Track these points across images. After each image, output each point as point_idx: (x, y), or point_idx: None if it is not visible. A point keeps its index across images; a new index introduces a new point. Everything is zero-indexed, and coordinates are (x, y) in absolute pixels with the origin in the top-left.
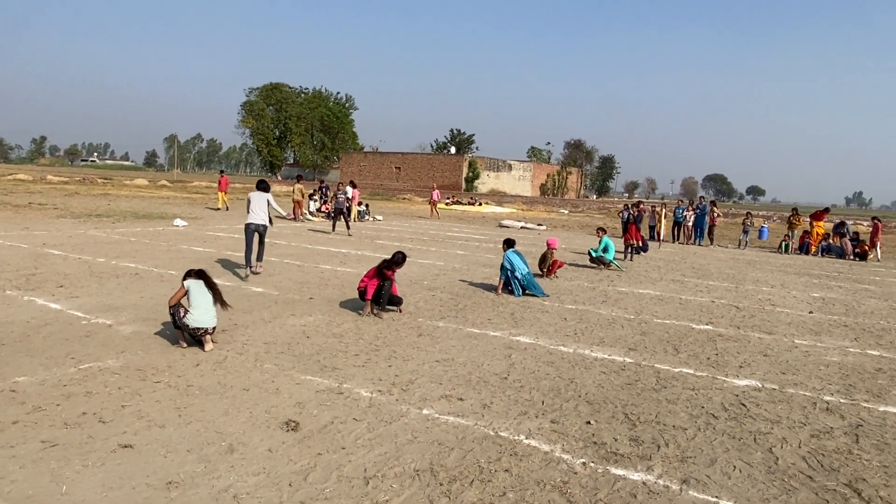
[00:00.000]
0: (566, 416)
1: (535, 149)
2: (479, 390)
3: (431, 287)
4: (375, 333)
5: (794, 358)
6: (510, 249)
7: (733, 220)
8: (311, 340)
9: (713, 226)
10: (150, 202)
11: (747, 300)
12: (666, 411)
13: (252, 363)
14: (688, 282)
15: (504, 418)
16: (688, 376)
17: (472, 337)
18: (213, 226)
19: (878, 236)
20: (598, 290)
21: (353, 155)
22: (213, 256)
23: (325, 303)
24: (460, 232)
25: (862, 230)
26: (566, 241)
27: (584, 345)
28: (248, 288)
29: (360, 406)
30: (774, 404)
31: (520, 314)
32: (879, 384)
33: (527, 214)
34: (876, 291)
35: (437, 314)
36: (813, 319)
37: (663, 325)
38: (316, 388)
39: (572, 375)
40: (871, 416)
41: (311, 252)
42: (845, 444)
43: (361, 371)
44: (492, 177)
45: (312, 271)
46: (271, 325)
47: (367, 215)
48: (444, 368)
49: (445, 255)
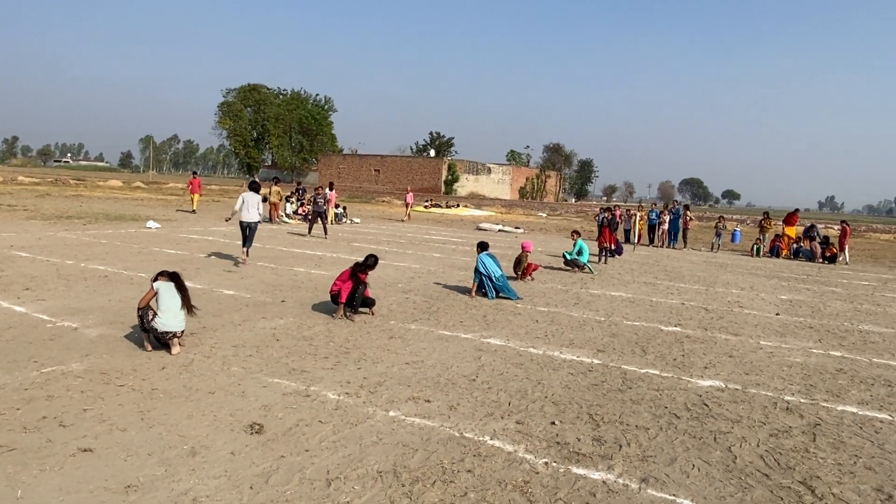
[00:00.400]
0: (531, 417)
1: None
2: (446, 392)
3: (406, 290)
4: (346, 336)
5: (758, 359)
6: (483, 252)
7: (707, 223)
8: (281, 343)
9: (686, 229)
10: (123, 204)
11: (716, 302)
12: (630, 411)
13: (219, 366)
14: (660, 284)
15: (470, 419)
16: (653, 377)
17: (444, 339)
18: (187, 228)
19: (847, 240)
20: (571, 292)
21: (331, 157)
22: (184, 259)
23: (297, 306)
24: (438, 235)
25: (832, 234)
26: (543, 244)
27: (553, 346)
28: (219, 291)
29: (327, 408)
30: (736, 404)
31: (492, 316)
32: (839, 384)
33: (505, 218)
34: (842, 294)
35: (409, 317)
36: (779, 321)
37: (633, 326)
38: (283, 391)
39: (540, 377)
40: (830, 415)
41: (286, 254)
42: (802, 443)
43: (330, 374)
44: (471, 180)
45: (286, 274)
46: (241, 327)
47: (344, 218)
48: (413, 370)
49: (422, 257)
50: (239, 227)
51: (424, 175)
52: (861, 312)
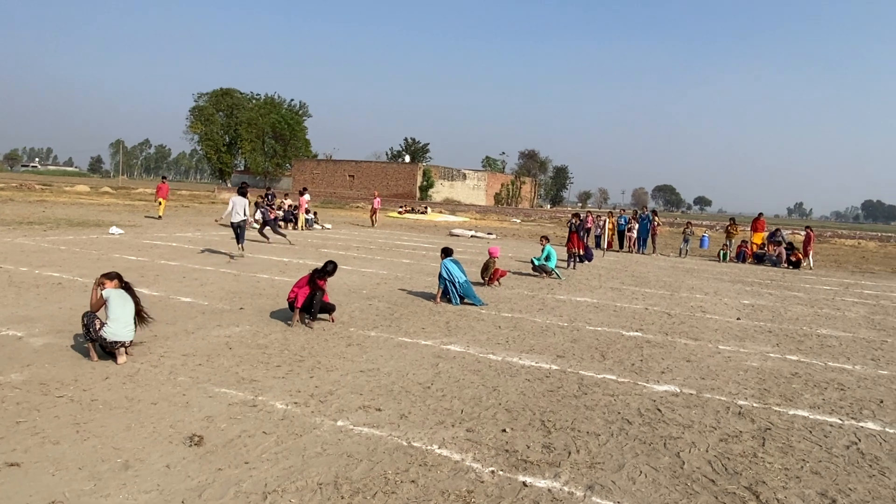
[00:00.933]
0: (483, 425)
1: (489, 158)
2: (399, 400)
3: (370, 296)
4: (302, 344)
5: (715, 363)
6: (447, 258)
7: (677, 229)
8: (234, 352)
9: (655, 234)
10: (88, 209)
11: (680, 307)
12: (582, 417)
13: (165, 376)
14: (625, 290)
15: (420, 428)
16: (610, 382)
17: (403, 346)
18: (152, 234)
19: (811, 245)
20: (537, 298)
21: (305, 162)
22: (145, 266)
23: (255, 313)
24: (410, 241)
25: (798, 240)
26: (514, 249)
27: (513, 352)
28: (176, 298)
29: (273, 419)
30: (689, 409)
31: (455, 323)
32: (793, 388)
33: (479, 223)
34: (804, 298)
35: (370, 323)
36: (739, 326)
37: (595, 332)
38: (229, 401)
39: (496, 383)
40: (781, 419)
41: (251, 261)
42: (751, 448)
43: (280, 383)
44: (446, 186)
45: (248, 281)
46: (194, 336)
47: (315, 223)
48: (367, 379)
49: (390, 263)
50: (231, 228)
51: (399, 181)
52: (820, 317)
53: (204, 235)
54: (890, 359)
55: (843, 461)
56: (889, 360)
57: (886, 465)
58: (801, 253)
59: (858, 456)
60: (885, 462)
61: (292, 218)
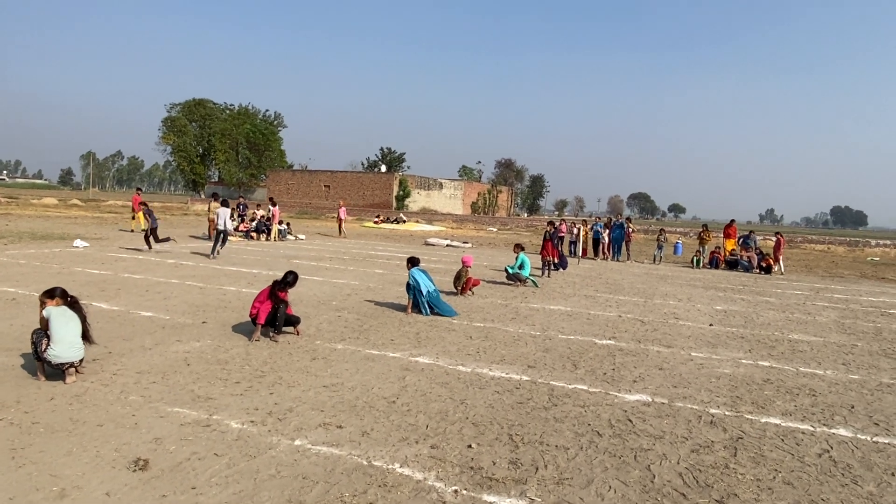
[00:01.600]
0: (448, 441)
1: (466, 168)
2: (361, 416)
3: (340, 307)
4: (265, 359)
5: (687, 371)
6: (414, 268)
7: (651, 236)
8: (191, 368)
9: (629, 241)
10: (54, 222)
11: (653, 314)
12: (551, 430)
13: (116, 395)
14: (599, 297)
15: (382, 446)
16: (581, 392)
17: (370, 359)
18: (117, 246)
19: (781, 250)
20: (511, 306)
21: (280, 173)
22: (107, 279)
23: (218, 327)
24: (384, 251)
25: (769, 245)
26: (489, 258)
27: (483, 363)
28: (137, 312)
29: (226, 439)
30: (661, 419)
31: (425, 334)
32: (765, 395)
33: (456, 233)
34: (775, 303)
35: (337, 336)
36: (712, 332)
37: (567, 340)
38: (181, 421)
39: (464, 396)
40: (753, 427)
41: (219, 273)
42: (723, 459)
43: (238, 400)
44: (423, 195)
45: (214, 293)
46: (151, 352)
47: (287, 234)
48: (330, 394)
49: (363, 274)
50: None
51: (375, 191)
52: (792, 322)
53: (172, 247)
54: (860, 363)
55: (815, 470)
56: (859, 364)
57: (859, 473)
58: (772, 258)
59: (831, 464)
60: (857, 470)
61: (265, 229)
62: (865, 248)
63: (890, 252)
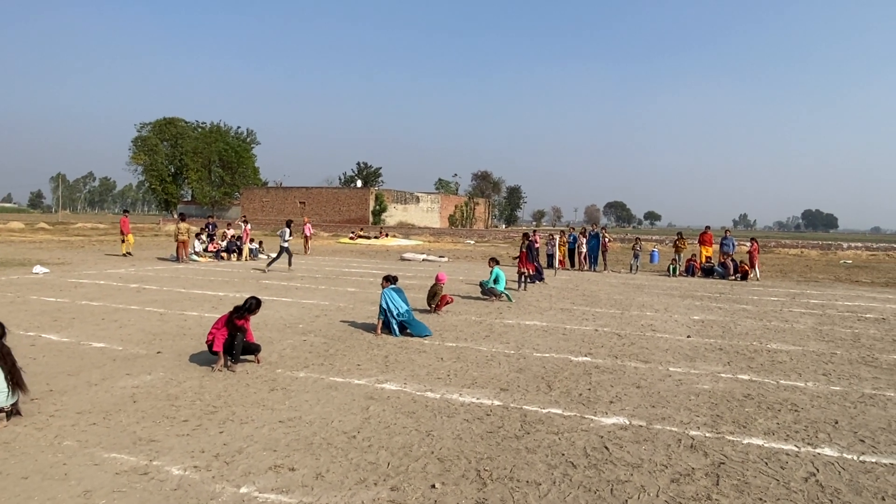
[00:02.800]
0: (410, 480)
1: (442, 181)
2: (317, 456)
3: (306, 331)
4: (219, 392)
5: (666, 388)
6: (389, 286)
7: (628, 244)
8: (138, 406)
9: (606, 251)
10: (17, 248)
11: (630, 327)
12: (523, 463)
13: (49, 441)
14: (576, 310)
15: (337, 490)
16: (555, 417)
17: (333, 388)
18: (80, 272)
19: (756, 256)
20: (485, 323)
21: (254, 191)
22: (63, 308)
23: (174, 357)
24: (358, 267)
25: (743, 251)
26: (465, 272)
27: (453, 388)
28: (88, 344)
29: (164, 490)
30: (639, 444)
31: (394, 357)
32: (746, 412)
33: (433, 246)
34: (752, 311)
35: (300, 363)
36: (690, 344)
37: (542, 359)
38: (117, 470)
39: (431, 427)
40: (735, 450)
41: (182, 297)
42: (705, 489)
43: (183, 441)
44: (399, 209)
45: (174, 319)
46: (96, 388)
47: (259, 254)
48: (285, 430)
49: (334, 293)
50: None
51: (352, 206)
52: (770, 330)
53: (138, 271)
54: (840, 373)
55: (802, 497)
56: (840, 374)
57: (848, 498)
58: (748, 264)
59: (818, 490)
60: (846, 495)
61: (236, 249)
62: (838, 251)
63: (862, 254)
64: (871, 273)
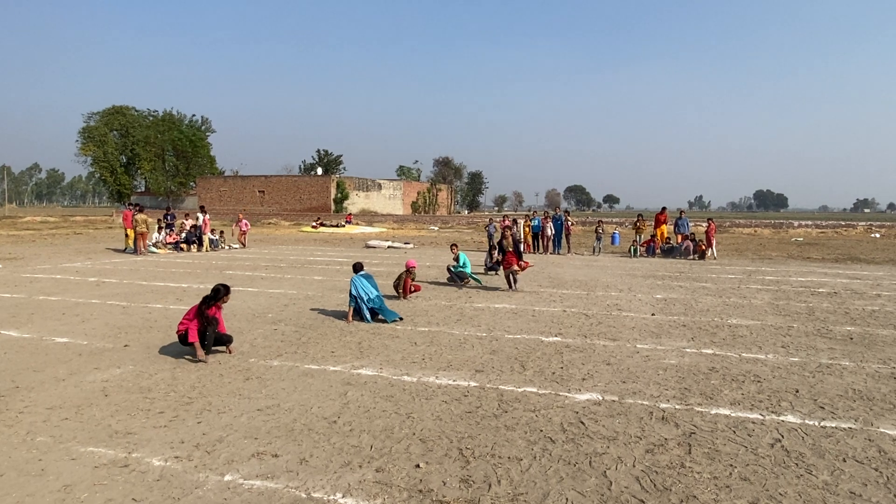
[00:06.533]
0: (394, 461)
1: (404, 167)
2: (300, 442)
3: (276, 320)
4: (193, 383)
5: (635, 364)
6: (357, 274)
7: (589, 227)
8: (110, 399)
9: (569, 234)
10: None
11: (596, 307)
12: (503, 440)
13: (21, 438)
14: (543, 292)
15: (322, 474)
16: (531, 396)
17: (308, 375)
18: (34, 266)
19: (713, 235)
20: (455, 307)
21: (210, 180)
22: (19, 304)
23: (142, 350)
24: (323, 255)
25: (700, 231)
26: (432, 258)
27: (429, 371)
28: (50, 339)
29: (147, 480)
30: (613, 418)
31: (368, 342)
32: (712, 385)
33: (397, 233)
34: (712, 288)
35: (273, 352)
36: (654, 322)
37: (514, 340)
38: (96, 463)
39: (411, 409)
40: (704, 420)
41: (144, 289)
42: (678, 457)
43: (161, 433)
44: (361, 196)
45: (138, 312)
46: (65, 383)
47: (220, 244)
48: (264, 418)
49: (301, 282)
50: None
51: (313, 194)
52: (729, 306)
53: (95, 264)
54: (798, 345)
55: (769, 462)
56: (797, 346)
57: (812, 461)
58: (705, 244)
59: (784, 455)
60: (810, 458)
61: (195, 240)
62: (789, 229)
63: (812, 232)
64: (822, 250)
